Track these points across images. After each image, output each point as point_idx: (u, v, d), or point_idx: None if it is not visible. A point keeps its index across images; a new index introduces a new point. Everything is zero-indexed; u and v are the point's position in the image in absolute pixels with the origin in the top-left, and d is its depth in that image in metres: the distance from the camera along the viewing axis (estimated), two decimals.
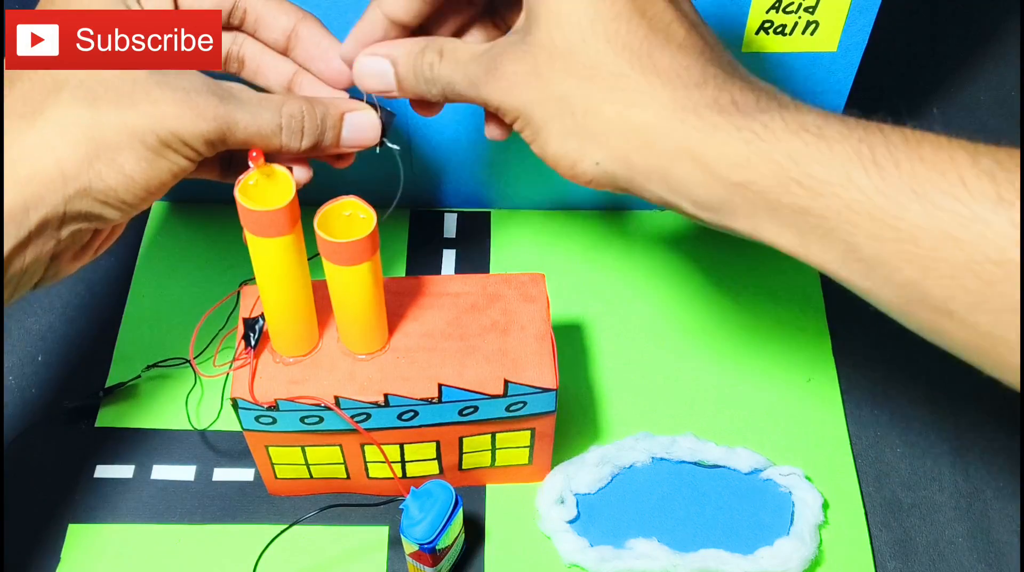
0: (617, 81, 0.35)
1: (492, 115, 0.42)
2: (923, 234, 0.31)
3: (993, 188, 0.30)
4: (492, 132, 0.43)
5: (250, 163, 0.41)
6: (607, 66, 0.35)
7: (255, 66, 0.45)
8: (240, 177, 0.41)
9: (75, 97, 0.38)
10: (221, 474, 0.55)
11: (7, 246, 0.37)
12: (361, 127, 0.43)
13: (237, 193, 0.41)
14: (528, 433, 0.50)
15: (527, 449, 0.52)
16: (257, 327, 0.47)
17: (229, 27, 0.44)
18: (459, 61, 0.40)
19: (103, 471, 0.55)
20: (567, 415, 0.57)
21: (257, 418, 0.47)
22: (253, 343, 0.47)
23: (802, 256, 0.35)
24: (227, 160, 0.46)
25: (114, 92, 0.38)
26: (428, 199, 0.66)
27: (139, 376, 0.57)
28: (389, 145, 0.45)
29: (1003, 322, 0.31)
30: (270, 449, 0.50)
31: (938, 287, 0.32)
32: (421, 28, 0.43)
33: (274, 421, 0.47)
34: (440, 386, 0.46)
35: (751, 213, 0.35)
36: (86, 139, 0.38)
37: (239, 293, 0.49)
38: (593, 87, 0.36)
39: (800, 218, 0.34)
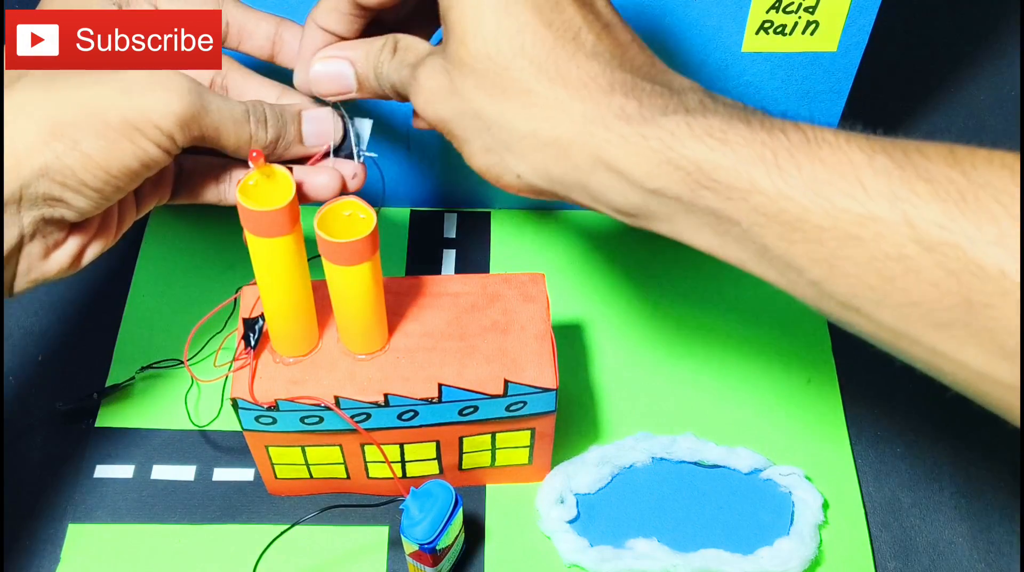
0: (527, 97, 0.36)
1: None
2: (826, 234, 0.32)
3: (888, 186, 0.31)
4: (417, 123, 0.43)
5: (250, 163, 0.41)
6: (516, 82, 0.36)
7: (238, 93, 0.45)
8: (240, 177, 0.41)
9: (35, 80, 0.38)
10: (221, 474, 0.55)
11: None
12: (319, 119, 0.44)
13: (237, 193, 0.41)
14: (528, 433, 0.50)
15: (527, 449, 0.52)
16: (257, 327, 0.47)
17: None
18: (402, 63, 0.40)
19: (103, 471, 0.55)
20: (567, 415, 0.57)
21: (257, 418, 0.47)
22: (253, 343, 0.47)
23: (722, 257, 0.36)
24: (179, 175, 0.46)
25: (77, 76, 0.38)
26: (428, 199, 0.66)
27: (132, 378, 0.57)
28: (367, 154, 0.46)
29: (904, 316, 0.32)
30: (270, 449, 0.50)
31: (843, 285, 0.33)
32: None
33: (274, 421, 0.47)
34: (440, 386, 0.46)
35: (669, 217, 0.36)
36: (43, 119, 0.37)
37: (237, 299, 0.49)
38: (505, 103, 0.36)
39: (714, 220, 0.35)
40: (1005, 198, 0.30)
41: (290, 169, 0.42)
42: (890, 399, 0.58)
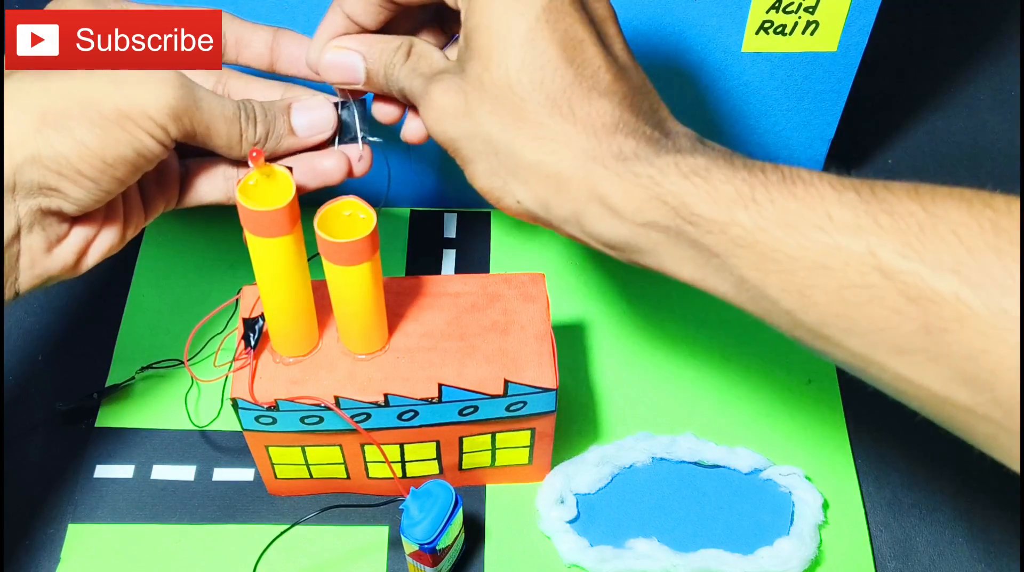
0: (538, 129, 0.38)
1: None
2: (797, 265, 0.34)
3: (853, 218, 0.33)
4: (408, 135, 0.45)
5: (250, 163, 0.41)
6: (531, 114, 0.37)
7: (240, 97, 0.45)
8: (240, 177, 0.41)
9: (29, 74, 0.38)
10: (221, 474, 0.55)
11: None
12: (310, 109, 0.44)
13: (237, 193, 0.41)
14: (528, 433, 0.50)
15: (527, 449, 0.52)
16: (257, 327, 0.47)
17: None
18: (415, 70, 0.41)
19: (103, 471, 0.55)
20: (567, 415, 0.57)
21: (257, 418, 0.47)
22: (253, 343, 0.47)
23: (702, 287, 0.38)
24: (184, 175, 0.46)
25: (74, 71, 0.39)
26: (428, 199, 0.66)
27: (132, 378, 0.57)
28: (372, 139, 0.46)
29: (870, 343, 0.34)
30: (270, 449, 0.50)
31: (814, 314, 0.34)
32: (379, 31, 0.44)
33: (274, 421, 0.47)
34: (440, 386, 0.46)
35: (654, 251, 0.38)
36: (35, 107, 0.38)
37: (237, 301, 0.49)
38: (517, 132, 0.38)
39: (696, 253, 0.37)
40: (961, 230, 0.32)
41: (290, 169, 0.42)
42: (890, 399, 0.58)
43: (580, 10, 0.38)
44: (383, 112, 0.45)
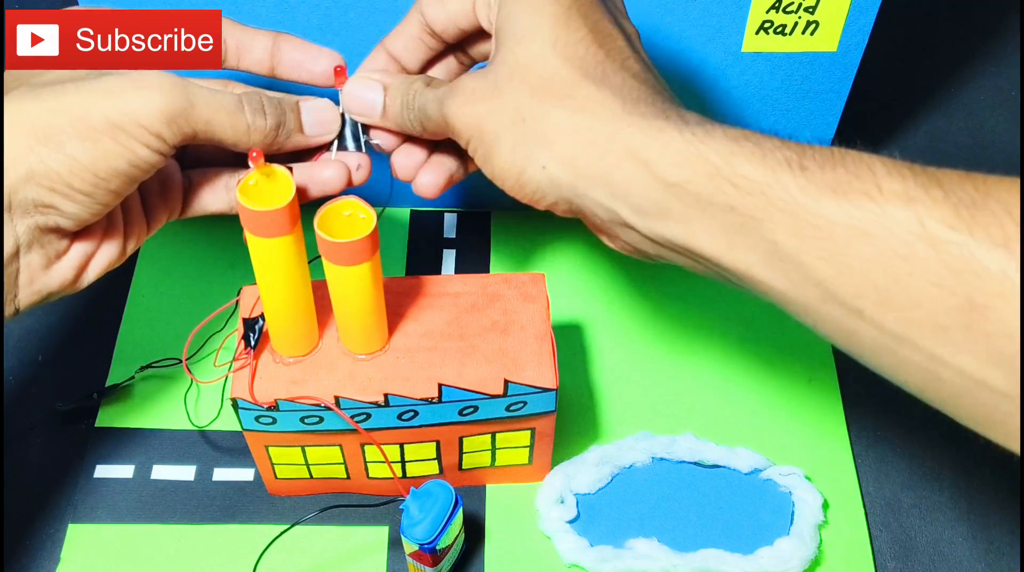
0: (570, 90, 0.38)
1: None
2: (838, 230, 0.33)
3: (903, 188, 0.33)
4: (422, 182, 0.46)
5: (250, 163, 0.41)
6: (562, 78, 0.38)
7: None
8: (240, 177, 0.41)
9: (25, 91, 0.38)
10: (221, 474, 0.55)
11: None
12: (318, 109, 0.44)
13: (237, 193, 0.41)
14: (528, 433, 0.50)
15: (527, 449, 0.52)
16: (257, 327, 0.47)
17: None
18: (437, 91, 0.42)
19: (103, 471, 0.55)
20: (567, 415, 0.57)
21: (257, 418, 0.47)
22: (253, 343, 0.47)
23: (728, 261, 0.36)
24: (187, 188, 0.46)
25: (67, 79, 0.38)
26: (428, 199, 0.66)
27: (132, 377, 0.57)
28: (372, 141, 0.46)
29: (906, 319, 0.33)
30: (270, 449, 0.50)
31: (849, 284, 0.33)
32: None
33: (274, 421, 0.47)
34: (440, 386, 0.46)
35: (684, 215, 0.36)
36: (27, 126, 0.37)
37: (237, 302, 0.49)
38: (546, 95, 0.38)
39: (728, 217, 0.35)
40: (1014, 209, 0.31)
41: (290, 169, 0.42)
42: (890, 399, 0.58)
43: (608, 15, 0.39)
44: (389, 143, 0.46)
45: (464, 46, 0.46)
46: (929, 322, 0.32)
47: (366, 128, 0.45)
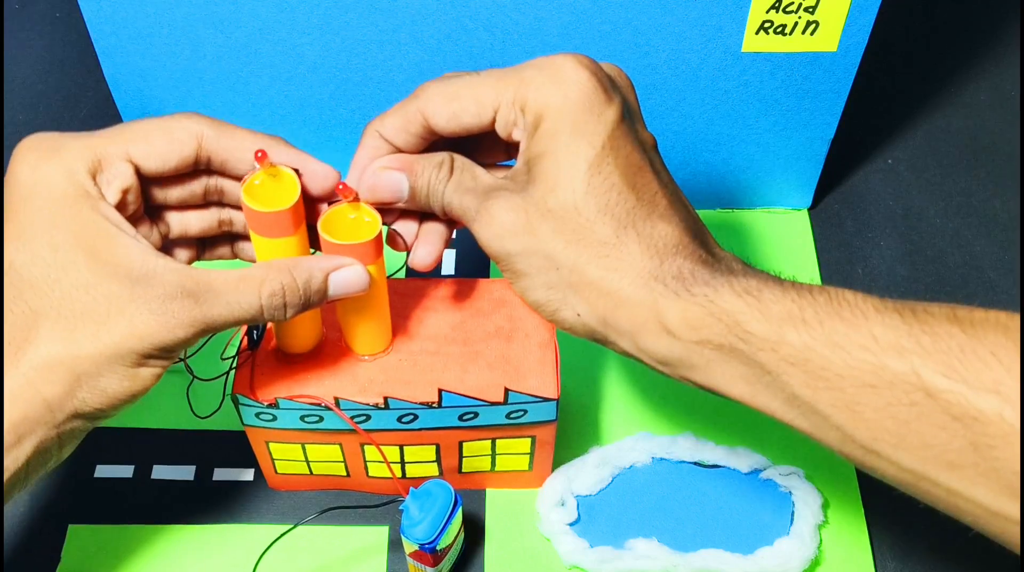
0: (603, 248, 0.39)
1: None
2: (845, 383, 0.36)
3: (896, 339, 0.35)
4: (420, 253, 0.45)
5: (255, 163, 0.41)
6: (596, 233, 0.39)
7: (220, 160, 0.43)
8: (245, 177, 0.41)
9: (53, 331, 0.38)
10: (221, 474, 0.55)
11: (5, 477, 0.38)
12: (348, 283, 0.43)
13: (242, 193, 0.41)
14: (528, 441, 0.50)
15: (527, 456, 0.51)
16: (260, 325, 0.47)
17: (202, 172, 0.44)
18: (461, 186, 0.42)
19: (103, 471, 0.55)
20: (567, 416, 0.57)
21: (257, 415, 0.47)
22: (256, 341, 0.47)
23: (752, 404, 0.39)
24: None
25: (90, 317, 0.38)
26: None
27: None
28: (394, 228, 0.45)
29: (921, 458, 0.35)
30: (270, 445, 0.50)
31: (864, 430, 0.36)
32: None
33: (274, 418, 0.47)
34: (440, 391, 0.46)
35: (706, 367, 0.39)
36: (67, 374, 0.38)
37: None
38: (581, 250, 0.39)
39: (747, 370, 0.38)
40: (999, 351, 0.33)
41: (296, 170, 0.42)
42: None
43: (635, 138, 0.40)
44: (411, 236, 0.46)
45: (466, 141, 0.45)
46: (942, 461, 0.34)
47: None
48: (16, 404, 0.38)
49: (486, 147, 0.45)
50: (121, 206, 0.41)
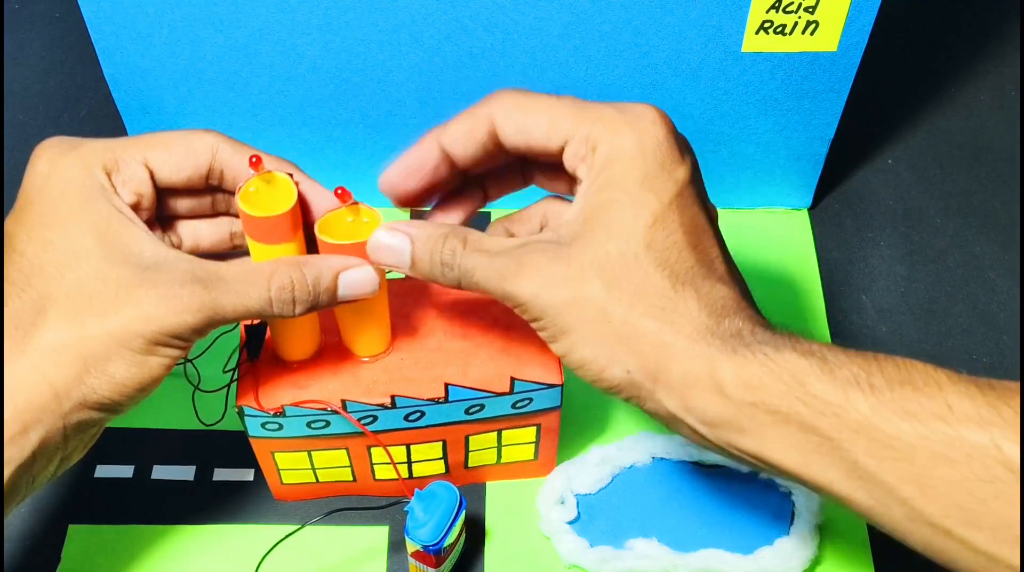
0: (660, 301, 0.38)
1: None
2: (917, 453, 0.34)
3: (974, 409, 0.33)
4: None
5: (250, 169, 0.40)
6: (653, 288, 0.38)
7: (232, 176, 0.43)
8: (241, 184, 0.41)
9: (61, 315, 0.38)
10: (221, 474, 0.55)
11: (8, 470, 0.38)
12: (358, 284, 0.42)
13: (238, 199, 0.40)
14: (534, 429, 0.50)
15: (532, 445, 0.52)
16: (260, 334, 0.47)
17: (213, 189, 0.44)
18: (486, 252, 0.40)
19: (103, 471, 0.55)
20: (568, 415, 0.57)
21: (263, 425, 0.47)
22: (256, 350, 0.47)
23: (806, 476, 0.36)
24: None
25: (98, 301, 0.38)
26: None
27: None
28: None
29: (999, 539, 0.33)
30: (276, 455, 0.49)
31: (935, 505, 0.34)
32: (464, 176, 0.44)
33: (280, 427, 0.47)
34: (447, 386, 0.46)
35: (757, 432, 0.37)
36: (75, 358, 0.38)
37: None
38: (635, 302, 0.38)
39: (803, 436, 0.36)
40: None
41: (291, 175, 0.42)
42: None
43: (701, 203, 0.40)
44: None
45: (525, 166, 0.45)
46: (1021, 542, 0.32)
47: None
48: (21, 391, 0.37)
49: (541, 173, 0.45)
50: (134, 209, 0.41)
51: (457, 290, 0.41)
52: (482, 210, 0.67)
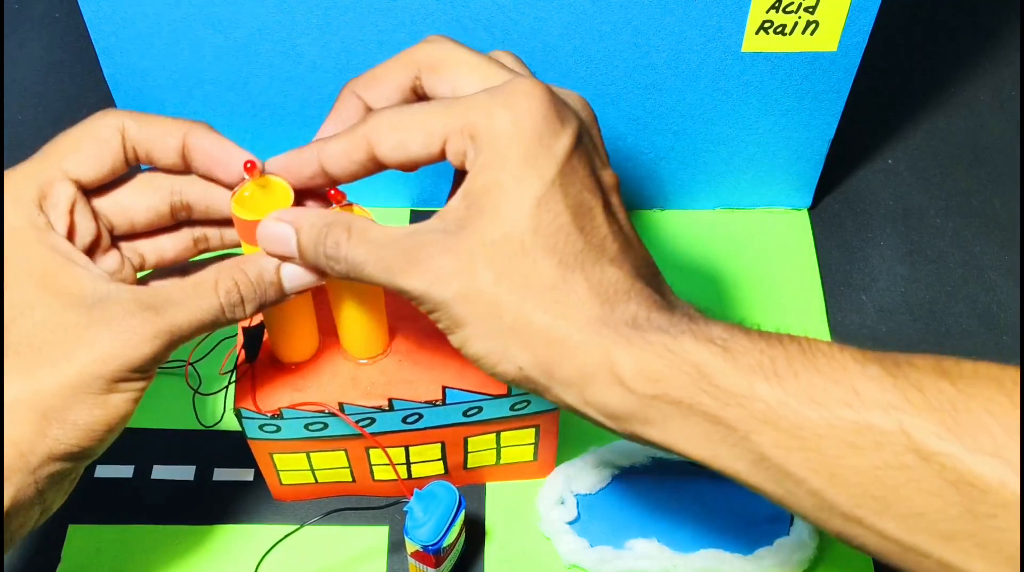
0: (550, 293, 0.36)
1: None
2: (825, 443, 0.33)
3: (881, 394, 0.32)
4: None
5: (244, 175, 0.40)
6: (542, 277, 0.36)
7: (204, 206, 0.43)
8: (235, 190, 0.41)
9: (13, 371, 0.37)
10: (221, 474, 0.55)
11: None
12: (300, 274, 0.41)
13: (232, 204, 0.40)
14: (533, 431, 0.50)
15: (531, 446, 0.52)
16: (258, 336, 0.47)
17: (163, 188, 0.43)
18: (372, 243, 0.38)
19: (103, 471, 0.55)
20: (568, 415, 0.56)
21: (261, 427, 0.47)
22: (254, 352, 0.47)
23: (713, 465, 0.35)
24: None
25: (49, 350, 0.37)
26: (427, 199, 0.66)
27: None
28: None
29: (909, 527, 0.32)
30: (275, 456, 0.50)
31: (845, 495, 0.33)
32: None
33: (278, 429, 0.47)
34: (444, 388, 0.46)
35: (662, 423, 0.35)
36: (31, 413, 0.37)
37: None
38: (526, 295, 0.36)
39: (710, 427, 0.35)
40: (995, 408, 0.31)
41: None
42: None
43: (590, 176, 0.37)
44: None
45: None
46: (934, 530, 0.32)
47: None
48: None
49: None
50: (71, 232, 0.40)
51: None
52: None
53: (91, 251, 0.41)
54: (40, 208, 0.39)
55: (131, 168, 0.42)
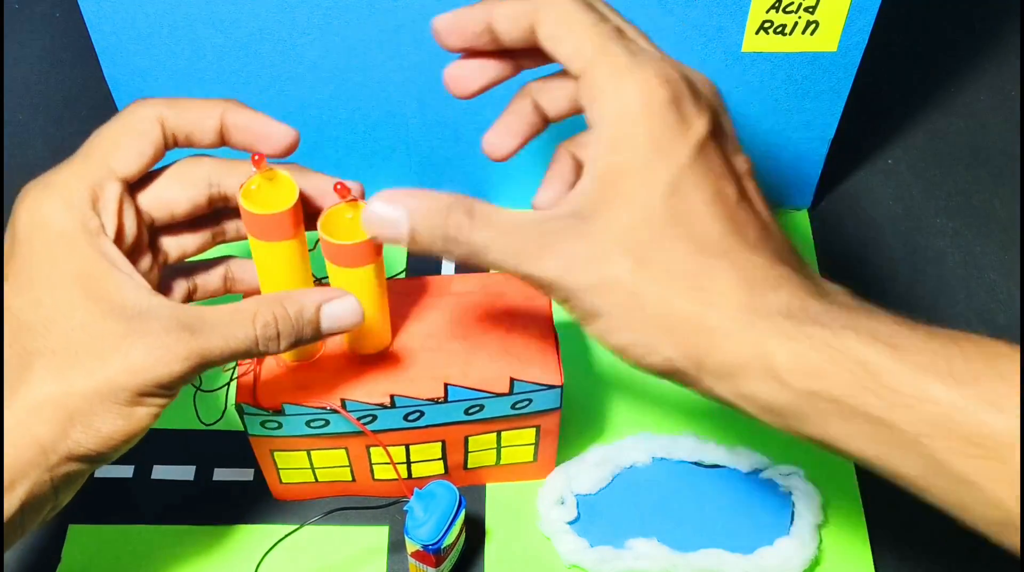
0: (692, 280, 0.34)
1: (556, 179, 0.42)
2: (1010, 452, 0.30)
3: None
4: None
5: (252, 167, 0.41)
6: (683, 265, 0.34)
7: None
8: (243, 183, 0.41)
9: (47, 370, 0.38)
10: (221, 474, 0.55)
11: None
12: (340, 316, 0.42)
13: (239, 197, 0.41)
14: (533, 431, 0.50)
15: (532, 447, 0.52)
16: None
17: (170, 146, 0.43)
18: (497, 227, 0.36)
19: (103, 471, 0.55)
20: (568, 415, 0.57)
21: (263, 423, 0.47)
22: None
23: (880, 466, 0.34)
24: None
25: (84, 355, 0.38)
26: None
27: None
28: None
29: None
30: (275, 454, 0.50)
31: None
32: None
33: (279, 426, 0.47)
34: (446, 386, 0.46)
35: (822, 421, 0.34)
36: (60, 413, 0.37)
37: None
38: (668, 283, 0.34)
39: (875, 429, 0.33)
40: None
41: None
42: None
43: (724, 162, 0.36)
44: None
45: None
46: None
47: None
48: (8, 446, 0.37)
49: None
50: (120, 234, 0.40)
51: (465, 270, 0.39)
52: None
53: (133, 252, 0.41)
54: (94, 210, 0.40)
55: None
